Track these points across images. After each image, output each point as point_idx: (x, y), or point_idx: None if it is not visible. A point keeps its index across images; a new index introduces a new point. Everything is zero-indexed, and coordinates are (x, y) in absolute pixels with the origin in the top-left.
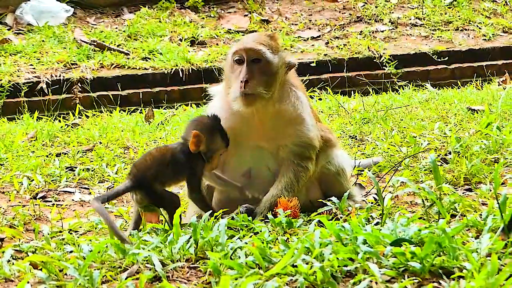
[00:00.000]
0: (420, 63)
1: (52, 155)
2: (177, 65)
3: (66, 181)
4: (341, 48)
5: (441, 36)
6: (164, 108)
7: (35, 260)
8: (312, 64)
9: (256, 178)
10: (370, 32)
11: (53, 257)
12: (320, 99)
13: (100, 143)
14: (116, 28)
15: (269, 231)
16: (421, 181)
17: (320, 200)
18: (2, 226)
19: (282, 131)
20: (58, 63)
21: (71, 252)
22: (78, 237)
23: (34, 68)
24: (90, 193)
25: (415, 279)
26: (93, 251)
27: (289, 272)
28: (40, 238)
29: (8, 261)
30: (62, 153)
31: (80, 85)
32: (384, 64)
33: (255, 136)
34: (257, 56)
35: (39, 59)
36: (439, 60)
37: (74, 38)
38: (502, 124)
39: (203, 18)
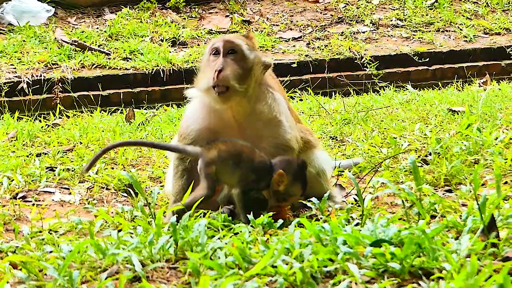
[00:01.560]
0: (401, 64)
1: (32, 155)
2: (158, 65)
3: (46, 181)
4: (322, 49)
5: (422, 37)
6: (145, 109)
7: (15, 260)
8: (293, 65)
9: None
10: (351, 33)
11: (33, 257)
12: (301, 99)
13: (81, 143)
14: (97, 28)
15: (249, 232)
16: (401, 182)
17: (300, 201)
18: None
19: (259, 133)
20: (39, 63)
21: (51, 252)
22: (58, 237)
23: (14, 68)
24: (70, 193)
25: (395, 280)
26: (73, 251)
27: (268, 272)
28: (20, 238)
29: None
30: (43, 153)
31: (60, 85)
32: (365, 65)
33: (233, 137)
34: (233, 47)
35: (20, 59)
36: (420, 61)
37: (55, 38)
38: (483, 126)
39: (185, 18)
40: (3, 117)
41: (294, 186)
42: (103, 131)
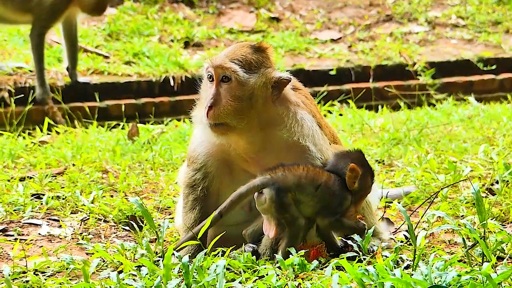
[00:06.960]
0: (462, 72)
1: (14, 179)
2: (167, 71)
3: (32, 211)
4: (367, 53)
5: (488, 40)
6: (151, 124)
7: None
8: (331, 72)
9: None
10: (402, 34)
11: None
12: (340, 114)
13: (73, 165)
14: (94, 25)
15: (277, 275)
16: (462, 216)
17: (339, 238)
18: None
19: (281, 160)
20: (23, 67)
21: None
22: (45, 280)
23: None
24: (60, 226)
25: None
26: None
27: None
28: None
29: None
30: (27, 177)
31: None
32: (418, 73)
33: (250, 164)
34: (226, 74)
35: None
36: (485, 68)
37: None
38: None
39: (200, 14)
40: None
41: (365, 177)
42: (100, 151)
